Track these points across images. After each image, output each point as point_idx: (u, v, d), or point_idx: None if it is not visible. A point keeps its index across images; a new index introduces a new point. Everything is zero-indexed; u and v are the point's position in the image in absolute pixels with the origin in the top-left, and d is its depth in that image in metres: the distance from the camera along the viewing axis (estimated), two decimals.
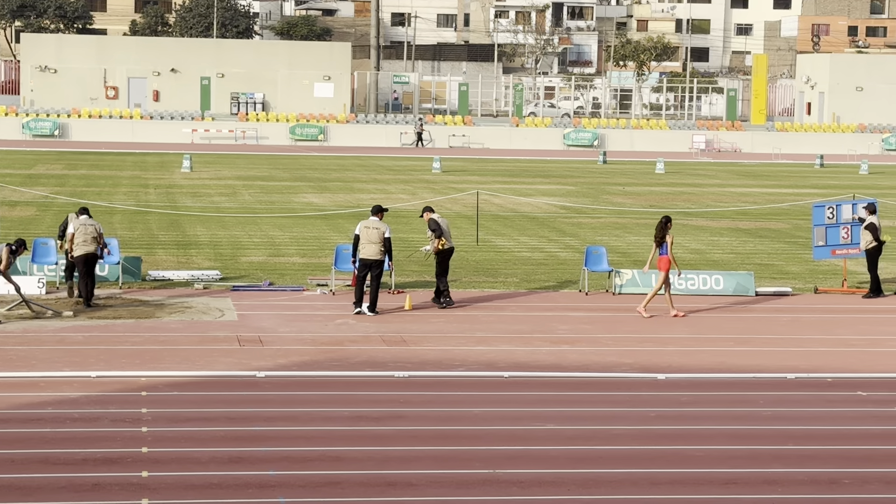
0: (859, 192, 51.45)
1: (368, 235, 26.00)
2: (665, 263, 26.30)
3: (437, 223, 27.49)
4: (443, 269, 27.43)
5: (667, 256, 26.28)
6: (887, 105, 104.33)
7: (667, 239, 26.27)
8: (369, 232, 26.03)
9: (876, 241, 29.06)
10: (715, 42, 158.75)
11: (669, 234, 26.39)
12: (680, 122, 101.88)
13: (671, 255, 26.37)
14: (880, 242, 29.14)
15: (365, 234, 26.03)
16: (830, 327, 25.83)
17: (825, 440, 17.25)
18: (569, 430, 17.57)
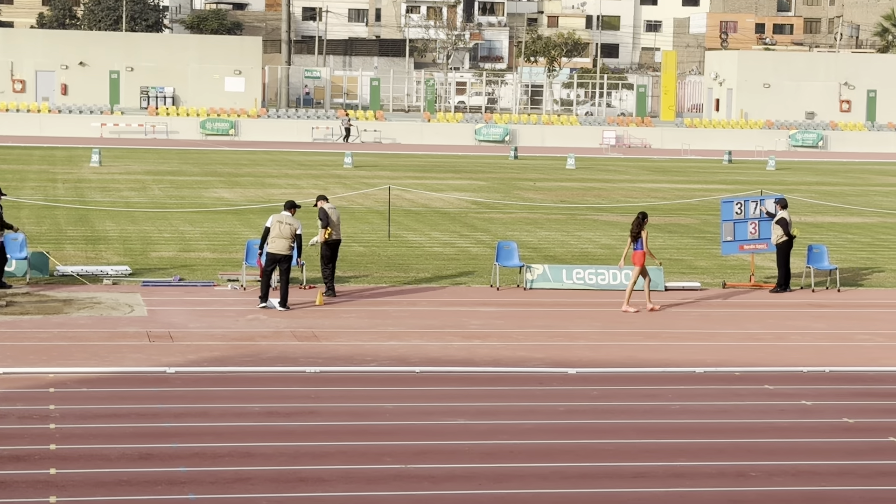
0: (767, 187, 52.04)
1: (280, 230, 25.96)
2: (640, 258, 26.66)
3: (325, 213, 27.72)
4: (328, 260, 27.60)
5: (642, 251, 26.65)
6: (794, 102, 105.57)
7: (642, 234, 26.64)
8: (281, 227, 25.99)
9: (787, 236, 29.40)
10: (625, 38, 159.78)
11: (644, 230, 26.77)
12: (590, 118, 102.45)
13: (647, 249, 26.72)
14: (791, 237, 29.48)
15: (277, 229, 25.98)
16: (738, 322, 26.11)
17: (733, 433, 17.43)
18: (480, 424, 17.62)
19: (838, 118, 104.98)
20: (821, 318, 26.71)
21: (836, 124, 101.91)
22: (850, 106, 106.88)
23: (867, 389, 20.25)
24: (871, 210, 48.38)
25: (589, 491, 14.81)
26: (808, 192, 56.17)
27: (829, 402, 19.31)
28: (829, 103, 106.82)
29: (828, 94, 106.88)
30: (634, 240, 26.82)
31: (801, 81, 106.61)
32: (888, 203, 52.52)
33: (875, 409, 18.88)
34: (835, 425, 17.97)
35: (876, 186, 62.78)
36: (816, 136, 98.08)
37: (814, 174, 71.15)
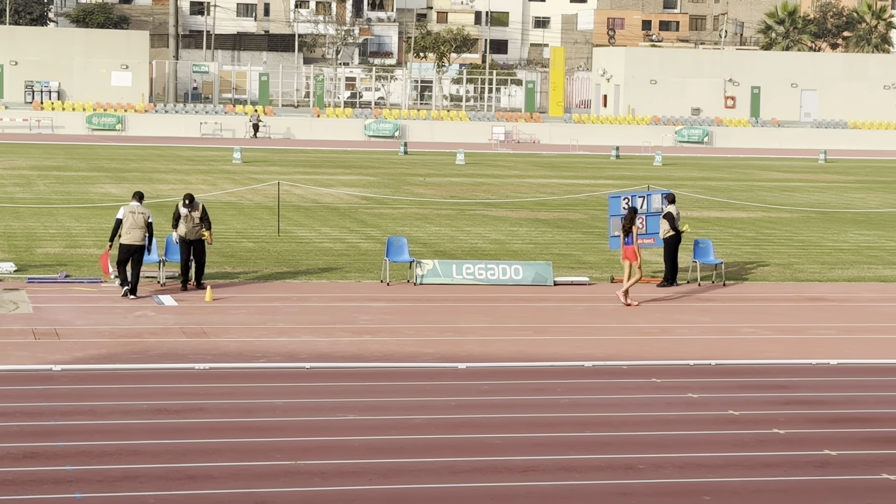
0: (654, 183, 52.56)
1: (134, 220, 26.25)
2: (631, 253, 27.05)
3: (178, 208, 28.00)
4: (188, 257, 27.70)
5: (632, 247, 27.01)
6: (680, 98, 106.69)
7: (633, 230, 27.05)
8: (134, 217, 26.30)
9: (674, 231, 29.72)
10: (513, 35, 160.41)
11: (636, 225, 27.21)
12: (480, 114, 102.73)
13: (637, 245, 27.05)
14: (678, 232, 29.80)
15: (130, 220, 26.26)
16: (626, 316, 26.34)
17: (621, 426, 17.59)
18: (370, 420, 17.62)
19: (723, 114, 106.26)
20: (707, 311, 27.04)
21: (721, 120, 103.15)
22: (735, 102, 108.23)
23: (752, 382, 20.54)
24: (756, 205, 49.05)
25: (478, 485, 14.86)
26: (694, 187, 56.81)
27: (714, 395, 19.55)
28: (714, 99, 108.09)
29: (713, 91, 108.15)
30: (626, 235, 27.24)
31: (686, 78, 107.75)
32: (772, 198, 53.29)
33: (760, 401, 19.16)
34: (720, 417, 18.20)
35: (760, 181, 63.67)
36: (702, 132, 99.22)
37: (700, 169, 72.00)
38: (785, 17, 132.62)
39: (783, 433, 17.33)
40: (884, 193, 57.59)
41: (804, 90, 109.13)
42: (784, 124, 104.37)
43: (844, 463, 15.95)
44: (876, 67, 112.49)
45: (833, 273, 32.66)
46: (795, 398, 19.48)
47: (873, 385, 20.57)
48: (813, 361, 22.21)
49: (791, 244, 38.18)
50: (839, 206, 50.78)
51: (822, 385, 20.58)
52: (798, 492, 14.84)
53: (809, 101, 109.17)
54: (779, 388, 20.10)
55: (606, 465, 15.75)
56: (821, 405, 19.07)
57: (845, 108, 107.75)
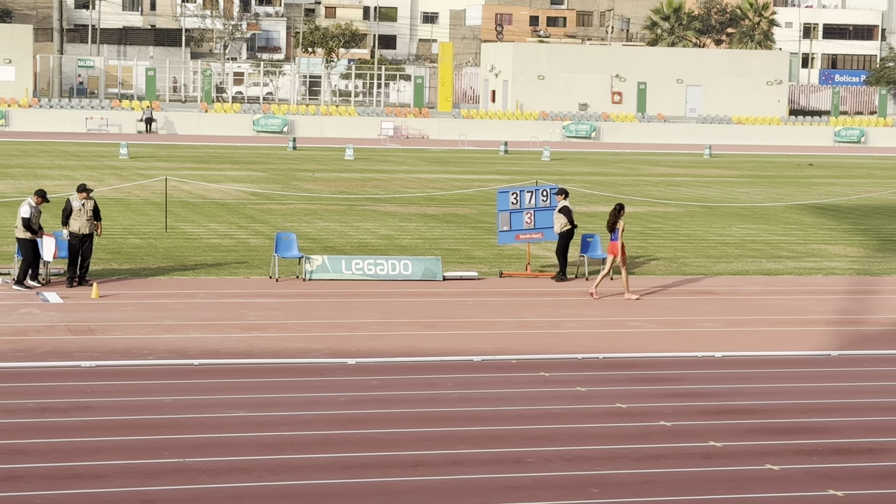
0: (542, 178, 52.87)
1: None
2: (616, 248, 27.35)
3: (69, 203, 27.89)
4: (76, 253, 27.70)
5: (617, 242, 27.32)
6: (567, 93, 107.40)
7: (618, 225, 27.36)
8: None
9: (570, 225, 29.93)
10: (402, 30, 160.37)
11: (621, 221, 27.45)
12: (369, 109, 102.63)
13: (621, 241, 27.39)
14: (573, 226, 30.03)
15: None
16: (515, 310, 26.48)
17: (510, 420, 17.69)
18: (259, 416, 17.55)
19: (610, 109, 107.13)
20: (594, 305, 27.26)
21: (608, 115, 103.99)
22: (622, 97, 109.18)
23: (639, 375, 20.75)
24: (642, 199, 49.53)
25: (369, 481, 14.87)
26: (582, 181, 57.23)
27: (602, 388, 19.73)
28: (601, 95, 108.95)
29: (600, 86, 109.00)
30: (611, 231, 27.60)
31: (574, 73, 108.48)
32: (658, 192, 53.84)
33: (647, 394, 19.36)
34: (608, 410, 18.37)
35: (647, 176, 64.29)
36: (589, 127, 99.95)
37: (587, 164, 72.54)
38: (670, 14, 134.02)
39: (670, 425, 17.53)
40: (767, 188, 58.44)
41: (689, 86, 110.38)
42: (670, 119, 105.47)
43: (729, 454, 16.19)
44: (759, 63, 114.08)
45: (718, 267, 33.08)
46: (681, 391, 19.72)
47: (757, 377, 20.89)
48: (699, 354, 22.50)
49: (677, 238, 38.61)
50: (724, 200, 51.44)
51: (708, 377, 20.85)
52: (684, 483, 15.03)
53: (694, 97, 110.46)
54: (665, 381, 20.33)
55: (495, 458, 15.84)
56: (706, 397, 19.33)
57: (729, 104, 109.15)
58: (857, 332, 24.92)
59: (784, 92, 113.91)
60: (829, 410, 18.62)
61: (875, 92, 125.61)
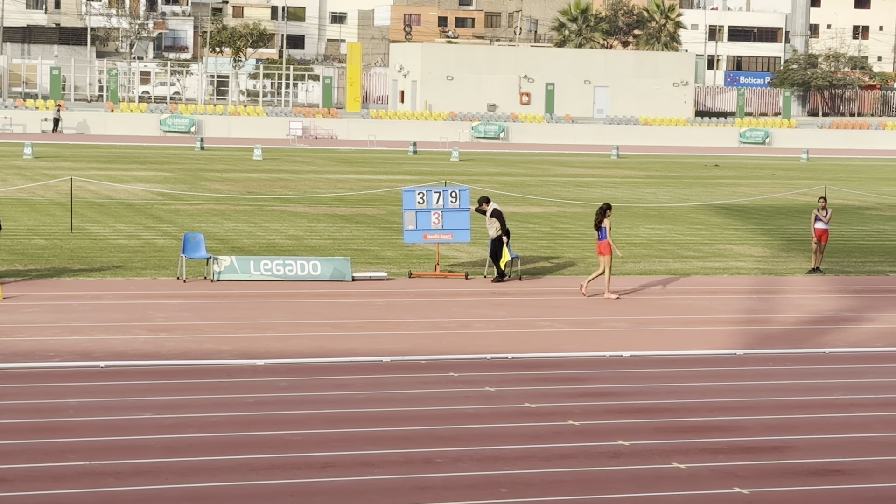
0: (451, 178, 52.95)
1: None
2: (605, 247, 27.81)
3: None
4: None
5: (606, 241, 27.72)
6: (476, 94, 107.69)
7: (605, 224, 27.56)
8: None
9: (503, 229, 29.98)
10: (310, 30, 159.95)
11: (607, 220, 27.71)
12: (277, 109, 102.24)
13: (610, 239, 27.72)
14: (506, 230, 30.14)
15: None
16: (424, 311, 26.50)
17: (419, 421, 17.69)
18: (167, 418, 17.42)
19: (518, 110, 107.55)
20: (503, 305, 27.35)
21: (517, 116, 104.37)
22: (530, 98, 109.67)
23: (548, 375, 20.84)
24: (550, 200, 49.76)
25: (277, 482, 14.81)
26: (491, 182, 57.38)
27: (511, 388, 19.79)
28: (509, 96, 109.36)
29: (508, 87, 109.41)
30: (598, 230, 27.99)
31: (482, 74, 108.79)
32: (566, 193, 54.12)
33: (555, 394, 19.45)
34: (517, 410, 18.43)
35: (555, 177, 64.60)
36: (498, 128, 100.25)
37: (496, 165, 72.75)
38: (578, 15, 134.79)
39: (578, 425, 17.63)
40: (674, 188, 58.94)
41: (597, 87, 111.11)
42: (577, 120, 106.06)
43: (637, 453, 16.30)
44: (666, 65, 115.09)
45: (625, 267, 33.29)
46: (590, 390, 19.84)
47: (664, 376, 21.06)
48: (607, 354, 22.64)
49: (585, 239, 38.81)
50: (631, 200, 51.81)
51: (616, 377, 20.99)
52: (593, 482, 15.11)
53: (602, 98, 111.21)
54: (574, 381, 20.43)
55: (405, 459, 15.83)
56: (614, 397, 19.45)
57: (636, 105, 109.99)
58: (763, 332, 25.20)
59: (690, 93, 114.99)
60: (735, 409, 18.81)
61: (779, 93, 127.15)
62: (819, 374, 21.55)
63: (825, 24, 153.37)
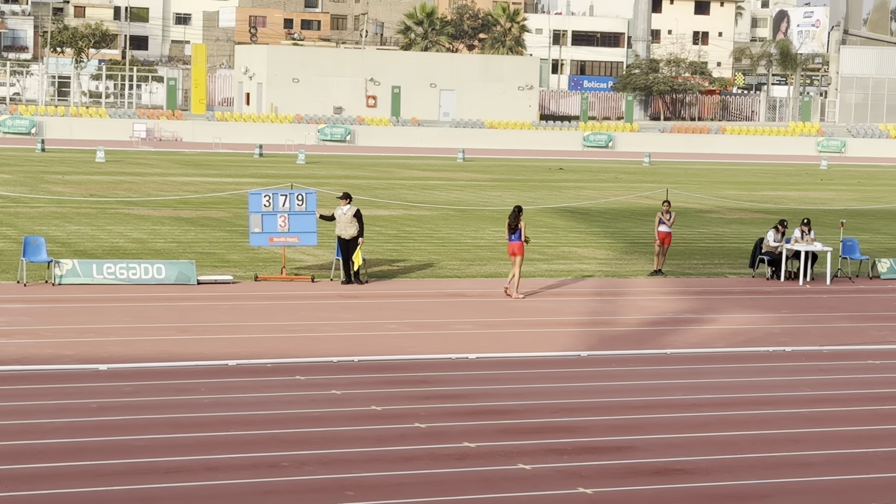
0: (297, 181, 52.77)
1: None
2: (518, 248, 28.21)
3: None
4: None
5: (519, 242, 28.48)
6: (322, 97, 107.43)
7: (520, 226, 28.47)
8: None
9: (361, 231, 30.14)
10: (154, 31, 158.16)
11: (522, 221, 28.63)
12: (120, 111, 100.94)
13: (525, 237, 28.84)
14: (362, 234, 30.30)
15: None
16: (270, 314, 26.38)
17: (265, 425, 17.61)
18: (7, 425, 17.10)
19: (365, 113, 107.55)
20: (350, 308, 27.34)
21: (363, 119, 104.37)
22: (376, 101, 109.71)
23: (394, 377, 20.88)
24: (397, 203, 49.86)
25: (122, 488, 14.64)
26: (337, 185, 57.29)
27: (358, 391, 19.80)
28: (356, 98, 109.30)
29: (355, 90, 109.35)
30: (512, 231, 28.50)
31: (329, 77, 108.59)
32: (413, 196, 54.27)
33: (401, 396, 19.50)
34: (364, 413, 18.44)
35: (401, 180, 64.74)
36: (344, 131, 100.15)
37: (342, 168, 72.68)
38: (424, 19, 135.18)
39: (424, 427, 17.69)
40: (519, 191, 59.41)
41: (443, 90, 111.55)
42: (424, 123, 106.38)
43: (483, 454, 16.41)
44: (511, 69, 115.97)
45: (471, 269, 33.51)
46: (436, 392, 19.92)
47: (510, 378, 21.23)
48: (453, 356, 22.75)
49: (431, 241, 38.98)
50: (477, 203, 52.13)
51: (462, 379, 21.11)
52: (439, 484, 15.19)
53: (448, 101, 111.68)
54: (420, 383, 20.51)
55: (251, 463, 15.75)
56: (460, 399, 19.56)
57: (482, 108, 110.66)
58: (606, 333, 25.53)
59: (535, 97, 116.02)
60: (579, 410, 19.03)
61: (622, 98, 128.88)
62: (661, 374, 21.91)
63: (666, 29, 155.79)
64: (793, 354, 23.92)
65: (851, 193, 64.99)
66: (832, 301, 30.42)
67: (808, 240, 32.94)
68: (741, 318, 27.73)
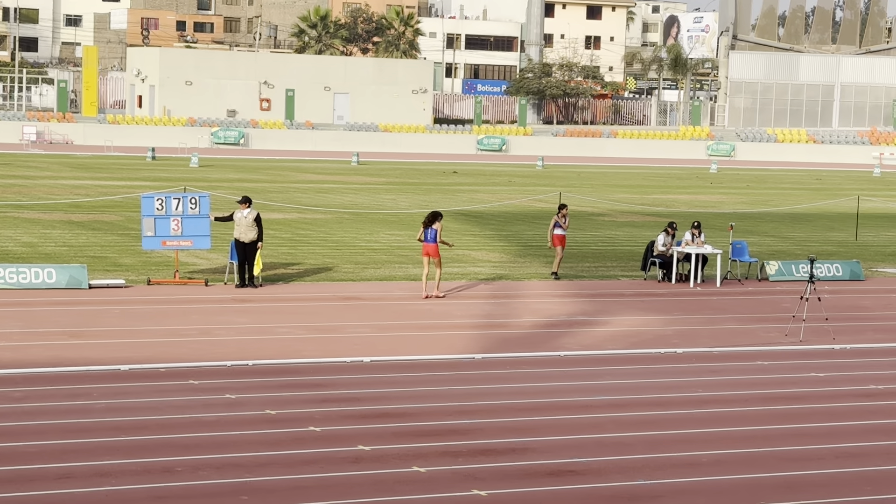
0: (190, 185, 52.41)
1: None
2: (432, 250, 29.42)
3: None
4: None
5: (434, 244, 29.34)
6: (216, 99, 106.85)
7: (435, 227, 29.37)
8: None
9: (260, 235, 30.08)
10: (44, 32, 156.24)
11: (438, 223, 29.42)
12: (10, 113, 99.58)
13: (441, 240, 29.49)
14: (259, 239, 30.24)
15: None
16: (163, 318, 26.18)
17: (158, 430, 17.48)
18: None
19: (259, 116, 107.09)
20: (244, 312, 27.21)
21: (257, 122, 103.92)
22: (270, 104, 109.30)
23: (289, 381, 20.83)
24: (291, 206, 49.71)
25: (12, 495, 14.46)
26: (231, 188, 57.01)
27: (252, 395, 19.72)
28: (249, 101, 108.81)
29: (248, 93, 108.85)
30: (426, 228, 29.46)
31: (222, 80, 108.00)
32: (307, 199, 54.13)
33: (296, 400, 19.46)
34: (258, 417, 18.38)
35: (295, 183, 64.54)
36: (238, 134, 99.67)
37: (236, 171, 72.31)
38: (317, 22, 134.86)
39: (319, 430, 17.67)
40: (413, 195, 59.49)
41: (337, 93, 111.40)
42: (318, 127, 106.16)
43: (378, 457, 16.43)
44: (405, 72, 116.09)
45: (366, 272, 33.51)
46: (331, 396, 19.90)
47: (403, 381, 21.26)
48: (348, 359, 22.74)
49: (326, 245, 38.92)
50: (371, 207, 52.11)
51: (356, 382, 21.10)
52: (334, 487, 15.18)
53: (342, 105, 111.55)
54: (315, 387, 20.47)
55: (143, 468, 15.63)
56: (355, 402, 19.55)
57: (376, 112, 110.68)
58: (500, 336, 25.65)
59: (429, 100, 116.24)
60: (474, 412, 19.11)
61: (515, 101, 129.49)
62: (555, 376, 22.06)
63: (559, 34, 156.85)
64: (684, 356, 24.21)
65: (740, 197, 65.86)
66: (722, 303, 30.82)
67: (698, 242, 33.34)
68: (633, 320, 28.01)
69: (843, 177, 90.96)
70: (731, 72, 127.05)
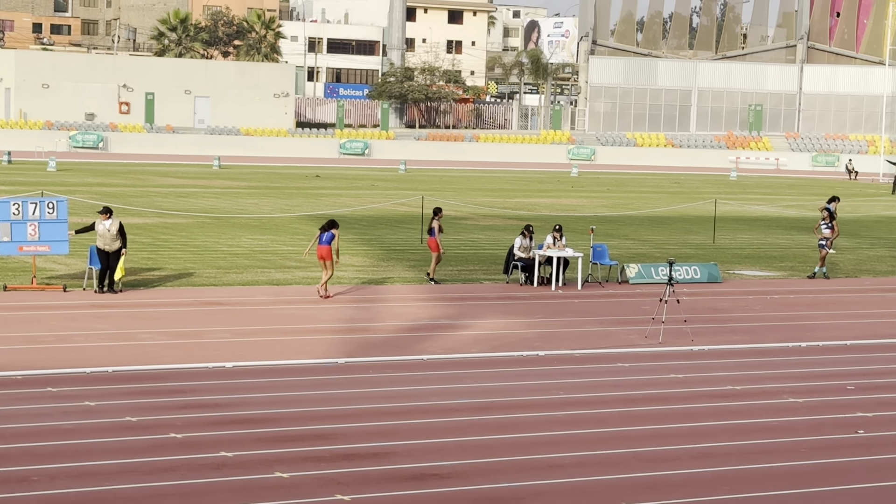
0: (47, 189, 51.66)
1: None
2: (326, 252, 30.15)
3: None
4: None
5: (327, 246, 30.06)
6: (74, 103, 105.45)
7: (333, 231, 30.22)
8: None
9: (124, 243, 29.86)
10: None
11: (336, 230, 30.34)
12: None
13: (336, 247, 30.29)
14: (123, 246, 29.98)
15: None
16: (20, 324, 25.74)
17: (14, 439, 17.17)
18: None
19: (118, 120, 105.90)
20: (104, 318, 26.87)
21: (116, 126, 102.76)
22: (130, 108, 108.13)
23: (149, 387, 20.60)
24: (152, 210, 49.19)
25: None
26: (90, 192, 56.27)
27: (112, 402, 19.47)
28: (108, 105, 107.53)
29: (107, 96, 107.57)
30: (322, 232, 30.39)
31: (80, 83, 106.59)
32: (168, 203, 53.61)
33: (157, 407, 19.25)
34: (118, 424, 18.15)
35: (155, 187, 63.90)
36: (97, 138, 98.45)
37: (95, 175, 71.40)
38: (177, 25, 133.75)
39: (180, 437, 17.50)
40: (275, 199, 59.22)
41: (198, 97, 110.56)
42: (179, 130, 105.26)
43: (240, 463, 16.32)
44: (266, 76, 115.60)
45: (228, 277, 33.27)
46: (192, 402, 19.72)
47: (267, 386, 21.14)
48: (209, 365, 22.55)
49: (187, 249, 38.57)
50: (233, 211, 51.77)
51: (218, 388, 20.93)
52: (195, 494, 15.04)
53: (203, 108, 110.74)
54: (176, 393, 20.27)
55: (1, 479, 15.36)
56: (217, 408, 19.40)
57: (238, 116, 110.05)
58: (364, 340, 25.64)
59: (291, 104, 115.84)
60: (337, 417, 19.06)
61: (377, 105, 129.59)
62: (417, 380, 22.09)
63: (421, 38, 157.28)
64: (545, 358, 24.39)
65: (601, 200, 66.59)
66: (583, 306, 31.11)
67: (559, 246, 33.62)
68: (496, 323, 28.16)
69: (700, 180, 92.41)
70: (590, 76, 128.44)
